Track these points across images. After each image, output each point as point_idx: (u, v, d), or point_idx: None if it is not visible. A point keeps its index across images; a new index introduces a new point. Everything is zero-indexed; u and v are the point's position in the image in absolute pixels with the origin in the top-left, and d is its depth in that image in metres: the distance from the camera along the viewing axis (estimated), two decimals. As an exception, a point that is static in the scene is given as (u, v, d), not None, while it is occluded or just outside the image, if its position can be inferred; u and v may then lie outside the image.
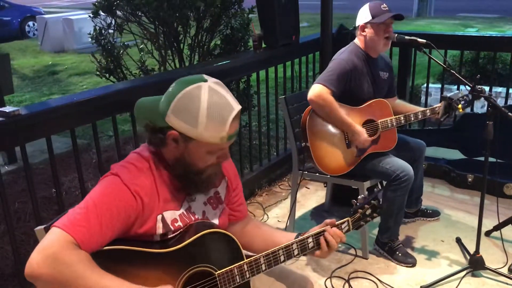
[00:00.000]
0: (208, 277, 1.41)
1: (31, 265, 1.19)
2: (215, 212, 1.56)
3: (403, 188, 2.66)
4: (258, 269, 1.45)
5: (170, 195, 1.43)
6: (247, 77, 3.74)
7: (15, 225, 2.31)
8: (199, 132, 1.32)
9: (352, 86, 2.70)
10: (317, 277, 2.70)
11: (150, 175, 1.39)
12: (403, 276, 2.70)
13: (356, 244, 2.99)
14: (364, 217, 1.63)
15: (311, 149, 2.66)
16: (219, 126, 1.32)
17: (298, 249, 1.51)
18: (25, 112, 2.12)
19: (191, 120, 1.31)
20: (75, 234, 1.23)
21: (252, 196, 3.79)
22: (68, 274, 1.20)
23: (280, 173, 4.12)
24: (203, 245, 1.42)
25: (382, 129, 2.76)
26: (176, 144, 1.37)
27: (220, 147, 1.37)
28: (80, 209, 1.29)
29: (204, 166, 1.40)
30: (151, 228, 1.38)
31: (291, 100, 2.99)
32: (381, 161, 2.73)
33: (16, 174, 4.16)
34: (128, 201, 1.32)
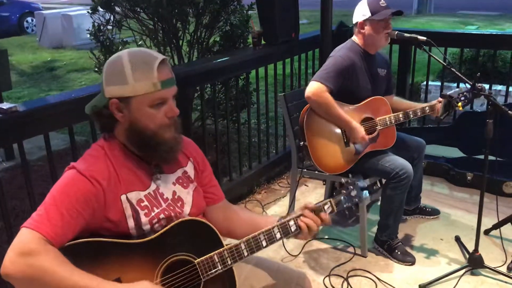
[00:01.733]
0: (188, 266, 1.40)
1: (4, 264, 1.23)
2: (187, 191, 1.56)
3: (402, 186, 2.65)
4: (240, 255, 1.44)
5: (132, 176, 1.44)
6: (246, 74, 3.72)
7: (13, 223, 2.29)
8: (131, 87, 1.36)
9: (350, 84, 2.69)
10: (316, 275, 2.69)
11: (106, 160, 1.42)
12: (402, 275, 2.69)
13: (355, 242, 2.98)
14: (350, 198, 1.59)
15: (309, 148, 2.65)
16: (147, 73, 1.36)
17: (280, 232, 1.49)
18: (22, 108, 2.11)
19: (120, 79, 1.37)
20: (41, 230, 1.26)
21: (251, 193, 3.78)
22: (37, 267, 1.22)
23: (279, 171, 4.11)
24: (180, 233, 1.42)
25: (381, 126, 2.75)
26: (121, 113, 1.41)
27: (159, 97, 1.39)
28: (41, 207, 1.32)
29: (155, 125, 1.41)
30: (118, 211, 1.38)
31: (290, 97, 2.98)
32: (380, 159, 2.72)
33: (14, 171, 4.14)
34: (85, 187, 1.34)
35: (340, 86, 2.64)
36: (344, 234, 3.10)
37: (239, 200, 3.63)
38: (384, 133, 2.78)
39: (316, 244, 3.03)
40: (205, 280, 1.40)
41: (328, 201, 1.58)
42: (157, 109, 1.40)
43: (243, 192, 3.74)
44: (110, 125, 1.45)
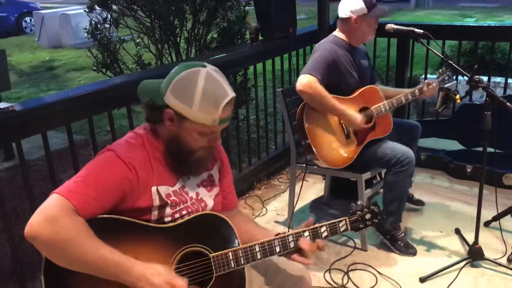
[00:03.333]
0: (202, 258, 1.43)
1: (31, 225, 1.24)
2: (209, 194, 1.60)
3: (404, 172, 2.65)
4: (253, 257, 1.46)
5: (164, 171, 1.47)
6: (245, 70, 3.72)
7: (13, 222, 2.30)
8: (193, 112, 1.39)
9: (337, 77, 2.71)
10: (316, 270, 2.70)
11: (144, 150, 1.45)
12: (403, 268, 2.70)
13: (355, 236, 2.98)
14: (363, 220, 1.64)
15: (312, 145, 2.65)
16: (212, 109, 1.40)
17: (294, 241, 1.53)
18: (19, 108, 2.11)
19: (187, 100, 1.39)
20: (73, 200, 1.28)
21: (250, 189, 3.78)
22: (65, 237, 1.24)
23: (279, 166, 4.11)
24: (200, 225, 1.45)
25: (377, 115, 2.75)
26: (171, 122, 1.44)
27: (212, 130, 1.44)
28: (77, 178, 1.34)
29: (195, 147, 1.46)
30: (147, 200, 1.42)
31: (288, 92, 2.97)
32: (380, 147, 2.73)
33: (14, 170, 4.15)
34: (123, 172, 1.37)
35: (329, 80, 2.65)
36: (344, 229, 3.10)
37: (239, 197, 3.63)
38: (381, 120, 2.78)
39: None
40: (217, 275, 1.42)
41: (344, 219, 1.62)
42: (204, 137, 1.46)
43: (243, 188, 3.74)
44: (155, 122, 1.49)
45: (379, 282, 2.59)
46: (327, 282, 2.61)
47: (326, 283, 2.60)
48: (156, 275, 1.31)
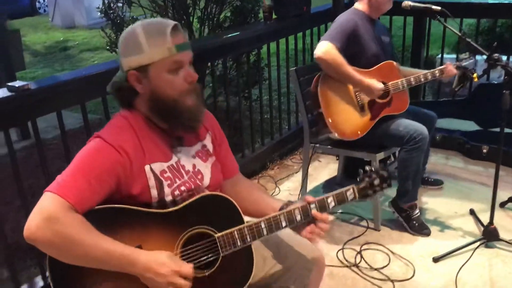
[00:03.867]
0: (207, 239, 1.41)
1: (29, 228, 1.23)
2: (206, 165, 1.57)
3: (418, 148, 2.63)
4: (259, 233, 1.44)
5: (155, 148, 1.44)
6: (258, 49, 3.69)
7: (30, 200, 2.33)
8: (147, 54, 1.38)
9: (357, 48, 2.67)
10: (329, 249, 2.70)
11: (131, 130, 1.42)
12: (416, 248, 2.69)
13: (368, 215, 2.98)
14: (372, 186, 1.59)
15: (324, 114, 2.63)
16: (161, 38, 1.38)
17: (300, 214, 1.50)
18: (34, 86, 2.11)
19: (136, 49, 1.39)
20: (68, 197, 1.26)
21: (263, 169, 3.79)
22: (64, 236, 1.23)
23: (292, 146, 4.10)
24: (203, 207, 1.42)
25: (394, 91, 2.72)
26: (140, 83, 1.42)
27: (174, 60, 1.39)
28: (67, 172, 1.32)
29: (175, 92, 1.42)
30: (143, 180, 1.39)
31: (302, 72, 2.95)
32: (393, 124, 2.70)
33: (30, 149, 4.20)
34: (112, 157, 1.35)
35: (348, 51, 2.62)
36: (358, 208, 3.10)
37: (251, 176, 3.64)
38: (397, 97, 2.75)
39: (329, 217, 3.02)
40: (224, 255, 1.41)
41: (351, 187, 1.58)
42: (175, 74, 1.41)
43: (256, 168, 3.74)
44: (130, 99, 1.46)
45: (392, 262, 2.59)
46: (340, 261, 2.62)
47: (338, 262, 2.61)
48: (161, 264, 1.29)
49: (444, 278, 2.44)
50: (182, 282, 1.31)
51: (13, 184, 3.70)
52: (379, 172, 1.59)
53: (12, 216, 3.26)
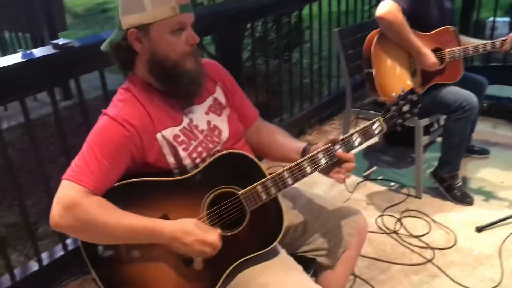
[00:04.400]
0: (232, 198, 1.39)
1: (53, 217, 1.25)
2: (221, 118, 1.52)
3: (466, 118, 2.53)
4: (284, 184, 1.39)
5: (164, 114, 1.40)
6: (299, 10, 3.59)
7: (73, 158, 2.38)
8: (149, 13, 1.32)
9: (421, 8, 2.53)
10: (368, 215, 2.67)
11: (135, 102, 1.38)
12: (458, 217, 2.62)
13: (409, 183, 2.91)
14: (401, 114, 1.48)
15: (374, 75, 2.54)
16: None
17: (325, 157, 1.43)
18: (78, 44, 2.12)
19: (138, 7, 1.32)
20: (83, 182, 1.26)
21: (301, 134, 3.75)
22: (87, 221, 1.25)
23: (332, 112, 4.03)
24: (221, 167, 1.39)
25: (449, 59, 2.60)
26: (140, 43, 1.36)
27: (177, 21, 1.34)
28: (79, 156, 1.31)
29: (176, 53, 1.36)
30: (157, 149, 1.37)
31: (345, 33, 2.85)
32: (442, 91, 2.60)
33: (72, 109, 4.30)
34: (120, 132, 1.32)
35: (412, 11, 2.48)
36: (398, 176, 3.03)
37: (290, 141, 3.60)
38: (451, 65, 2.63)
39: (369, 184, 2.99)
40: (251, 211, 1.39)
41: (377, 119, 1.48)
42: (177, 36, 1.35)
43: (294, 133, 3.70)
44: (129, 60, 1.41)
45: (433, 230, 2.54)
46: (379, 227, 2.59)
47: (377, 229, 2.58)
48: (186, 233, 1.29)
49: (488, 248, 2.38)
50: (208, 249, 1.31)
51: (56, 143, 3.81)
52: (407, 97, 1.47)
53: (56, 173, 3.35)
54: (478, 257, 2.33)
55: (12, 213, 2.95)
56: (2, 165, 3.51)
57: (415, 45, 2.50)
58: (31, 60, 1.98)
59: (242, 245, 1.40)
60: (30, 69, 2.01)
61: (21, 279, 2.21)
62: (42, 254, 2.32)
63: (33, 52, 2.02)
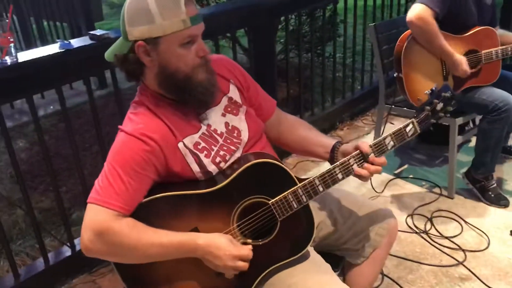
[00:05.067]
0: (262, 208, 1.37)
1: (84, 243, 1.25)
2: (239, 118, 1.48)
3: (501, 120, 2.45)
4: (315, 192, 1.38)
5: (181, 122, 1.37)
6: (334, 4, 3.55)
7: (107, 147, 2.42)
8: (159, 25, 1.25)
9: (456, 9, 2.44)
10: (398, 214, 2.63)
11: (150, 114, 1.34)
12: (492, 219, 2.56)
13: (441, 183, 2.86)
14: (435, 113, 1.43)
15: (404, 80, 2.50)
16: (174, 10, 1.25)
17: (356, 164, 1.40)
18: (114, 35, 2.15)
19: (146, 19, 1.26)
20: (108, 204, 1.24)
21: (332, 129, 3.72)
22: (118, 244, 1.24)
23: (364, 107, 3.98)
24: (250, 177, 1.36)
25: (485, 61, 2.52)
26: (149, 56, 1.30)
27: (188, 34, 1.28)
28: (103, 177, 1.28)
29: (187, 67, 1.31)
30: (180, 159, 1.35)
31: (381, 28, 2.80)
32: (478, 91, 2.53)
33: (106, 98, 4.37)
34: (139, 148, 1.28)
35: (447, 12, 2.41)
36: (430, 174, 2.98)
37: (320, 135, 3.58)
38: (488, 67, 2.55)
39: (400, 183, 2.94)
40: (282, 220, 1.38)
41: (411, 121, 1.45)
42: (187, 49, 1.30)
43: (325, 127, 3.68)
44: (137, 71, 1.36)
45: (465, 231, 2.49)
46: (409, 226, 2.55)
47: (407, 228, 2.54)
48: (219, 248, 1.29)
49: (522, 252, 2.32)
50: (240, 264, 1.31)
51: (90, 131, 3.89)
52: (441, 95, 1.43)
53: (90, 160, 3.44)
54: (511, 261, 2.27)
55: (47, 198, 3.03)
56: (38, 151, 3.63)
57: (446, 51, 2.43)
58: (69, 50, 2.02)
59: (272, 253, 1.39)
60: (67, 59, 2.05)
61: (55, 263, 2.28)
62: (75, 239, 2.38)
63: (71, 43, 2.06)
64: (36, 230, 2.23)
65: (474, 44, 2.52)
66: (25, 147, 3.77)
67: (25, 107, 2.07)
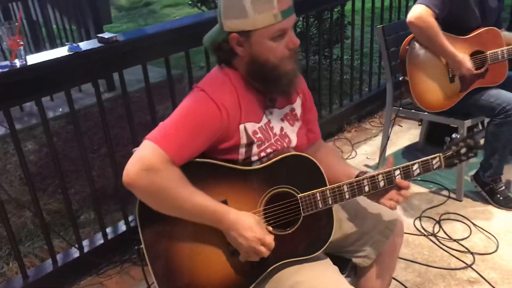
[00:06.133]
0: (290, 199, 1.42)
1: (129, 174, 1.26)
2: (292, 129, 1.55)
3: (509, 122, 2.44)
4: (341, 197, 1.42)
5: (251, 107, 1.43)
6: (342, 6, 3.54)
7: (115, 149, 2.44)
8: (252, 20, 1.32)
9: (458, 11, 2.45)
10: (406, 217, 2.63)
11: (232, 87, 1.40)
12: (501, 222, 2.54)
13: (450, 185, 2.84)
14: (458, 155, 1.52)
15: (410, 83, 2.49)
16: (267, 5, 1.31)
17: (384, 180, 1.45)
18: (122, 38, 2.17)
19: (241, 13, 1.33)
20: (168, 150, 1.27)
21: (340, 132, 3.72)
22: (161, 187, 1.26)
23: (371, 109, 3.98)
24: (288, 166, 1.42)
25: (491, 61, 2.51)
26: (241, 46, 1.38)
27: (280, 28, 1.34)
28: (170, 122, 1.33)
29: (276, 58, 1.38)
30: (236, 138, 1.40)
31: (388, 30, 2.79)
32: (485, 94, 2.52)
33: (115, 101, 4.40)
34: (214, 113, 1.34)
35: (448, 14, 2.41)
36: (439, 177, 2.96)
37: (328, 138, 3.58)
38: (494, 68, 2.54)
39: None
40: (305, 216, 1.41)
41: (438, 155, 1.51)
42: (277, 41, 1.36)
43: (333, 130, 3.68)
44: (229, 58, 1.44)
45: (473, 234, 2.47)
46: (417, 229, 2.54)
47: (415, 230, 2.53)
48: (247, 228, 1.31)
49: (531, 256, 2.30)
50: (262, 249, 1.33)
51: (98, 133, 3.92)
52: (466, 141, 1.52)
53: (99, 163, 3.46)
54: (520, 264, 2.26)
55: (55, 200, 3.05)
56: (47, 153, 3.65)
57: (448, 51, 2.42)
58: (78, 53, 2.04)
59: (288, 247, 1.42)
60: (76, 62, 2.07)
61: (63, 264, 2.30)
62: (83, 241, 2.39)
63: (80, 46, 2.08)
64: (44, 232, 2.25)
65: (479, 45, 2.51)
66: (34, 149, 3.79)
67: (34, 109, 2.08)
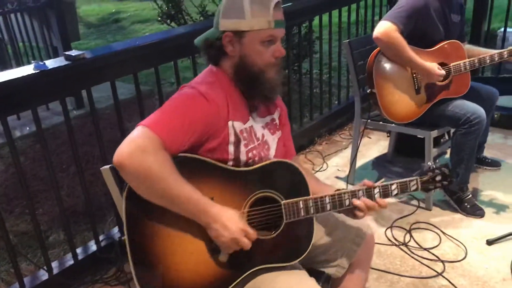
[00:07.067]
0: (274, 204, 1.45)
1: (121, 154, 1.25)
2: (273, 138, 1.61)
3: (474, 132, 2.51)
4: (323, 207, 1.46)
5: (238, 107, 1.48)
6: (309, 21, 3.60)
7: (84, 167, 2.40)
8: (247, 22, 1.42)
9: (422, 26, 2.52)
10: (377, 227, 2.66)
11: (220, 87, 1.46)
12: (469, 229, 2.60)
13: (419, 195, 2.90)
14: (433, 182, 1.60)
15: (377, 95, 2.55)
16: (264, 10, 1.42)
17: (364, 195, 1.51)
18: (90, 55, 2.15)
19: (238, 14, 1.43)
20: (161, 134, 1.29)
21: (311, 144, 3.75)
22: (151, 169, 1.25)
23: (341, 122, 4.04)
24: (275, 172, 1.46)
25: (455, 73, 2.59)
26: (232, 46, 1.46)
27: (270, 34, 1.44)
28: (162, 110, 1.36)
29: (262, 62, 1.46)
30: (224, 135, 1.43)
31: (355, 44, 2.85)
32: (450, 105, 2.59)
33: (84, 119, 4.34)
34: (205, 107, 1.38)
35: (413, 28, 2.49)
36: (408, 187, 3.01)
37: (299, 151, 3.61)
38: (458, 79, 2.62)
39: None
40: (287, 222, 1.44)
41: (415, 178, 1.58)
42: (266, 47, 1.45)
43: (304, 143, 3.71)
44: (217, 57, 1.51)
45: (443, 242, 2.52)
46: (388, 239, 2.57)
47: (387, 240, 2.56)
48: (230, 219, 1.32)
49: (499, 261, 2.35)
50: (246, 240, 1.34)
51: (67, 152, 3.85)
52: (442, 169, 1.61)
53: (68, 182, 3.40)
54: (489, 270, 2.31)
55: (23, 221, 2.97)
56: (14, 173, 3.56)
57: (416, 62, 2.50)
58: (44, 71, 2.01)
59: (267, 252, 1.44)
60: (43, 80, 2.03)
61: (31, 287, 2.23)
62: (52, 262, 2.33)
63: (46, 64, 2.05)
64: (11, 254, 2.18)
65: (442, 57, 2.59)
66: (0, 169, 3.70)
67: (0, 129, 2.03)
